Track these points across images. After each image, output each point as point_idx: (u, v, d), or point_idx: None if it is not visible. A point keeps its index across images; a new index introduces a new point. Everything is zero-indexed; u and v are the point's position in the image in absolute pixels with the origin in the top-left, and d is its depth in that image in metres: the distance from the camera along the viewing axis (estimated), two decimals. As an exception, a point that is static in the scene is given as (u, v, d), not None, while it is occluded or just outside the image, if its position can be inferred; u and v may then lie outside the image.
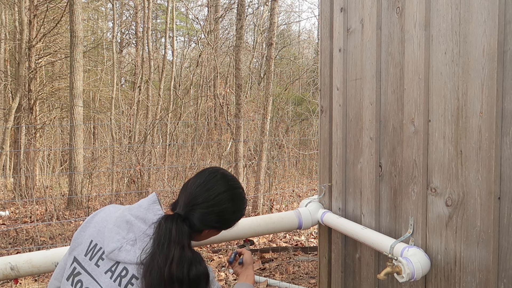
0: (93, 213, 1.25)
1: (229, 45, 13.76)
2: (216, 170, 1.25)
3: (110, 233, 1.12)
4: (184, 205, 1.18)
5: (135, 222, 1.13)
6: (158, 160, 8.98)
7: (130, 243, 1.10)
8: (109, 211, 1.22)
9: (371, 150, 1.75)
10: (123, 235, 1.11)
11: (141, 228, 1.12)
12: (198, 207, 1.16)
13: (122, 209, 1.19)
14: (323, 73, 2.16)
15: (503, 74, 1.18)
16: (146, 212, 1.14)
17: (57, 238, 5.38)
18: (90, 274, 1.11)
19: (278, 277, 3.89)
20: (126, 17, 16.49)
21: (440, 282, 1.41)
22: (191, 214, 1.16)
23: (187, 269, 1.07)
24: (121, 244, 1.09)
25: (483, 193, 1.24)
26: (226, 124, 8.29)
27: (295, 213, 2.08)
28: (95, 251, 1.13)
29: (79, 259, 1.15)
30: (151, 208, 1.16)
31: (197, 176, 1.23)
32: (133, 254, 1.08)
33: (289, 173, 9.43)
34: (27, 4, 9.01)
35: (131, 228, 1.12)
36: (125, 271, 1.09)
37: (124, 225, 1.13)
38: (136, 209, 1.16)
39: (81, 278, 1.12)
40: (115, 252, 1.09)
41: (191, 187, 1.20)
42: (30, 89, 9.19)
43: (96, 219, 1.20)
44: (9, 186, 9.10)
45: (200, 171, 1.26)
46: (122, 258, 1.08)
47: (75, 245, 1.18)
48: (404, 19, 1.53)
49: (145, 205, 1.16)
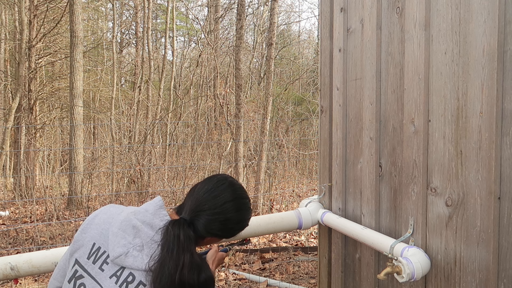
0: (92, 214, 1.23)
1: (229, 45, 13.76)
2: (224, 178, 1.24)
3: (116, 238, 1.11)
4: (190, 210, 1.17)
5: (142, 227, 1.12)
6: (158, 160, 8.99)
7: (137, 248, 1.09)
8: (110, 212, 1.20)
9: (371, 150, 1.75)
10: (129, 240, 1.10)
11: (148, 233, 1.11)
12: (204, 214, 1.16)
13: (127, 212, 1.18)
14: (323, 73, 2.16)
15: (503, 74, 1.18)
16: (153, 217, 1.14)
17: (57, 238, 5.38)
18: (93, 277, 1.10)
19: (278, 277, 3.89)
20: (126, 17, 16.49)
21: (440, 282, 1.41)
22: (196, 219, 1.16)
23: (197, 275, 1.07)
24: (128, 250, 1.09)
25: (483, 193, 1.24)
26: (226, 124, 8.29)
27: (295, 213, 2.08)
28: (99, 254, 1.12)
29: (81, 261, 1.13)
30: (157, 213, 1.15)
31: (205, 182, 1.23)
32: (141, 260, 1.08)
33: (289, 173, 9.42)
34: (27, 4, 9.01)
35: (138, 234, 1.11)
36: (132, 277, 1.08)
37: (130, 230, 1.12)
38: (143, 214, 1.15)
39: (83, 281, 1.11)
40: (121, 257, 1.08)
41: (198, 192, 1.20)
42: (30, 89, 9.19)
43: (97, 221, 1.19)
44: (9, 186, 9.10)
45: (209, 177, 1.26)
46: (129, 264, 1.08)
47: (76, 247, 1.17)
48: (404, 19, 1.53)
49: (151, 210, 1.16)
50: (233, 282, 3.73)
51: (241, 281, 3.79)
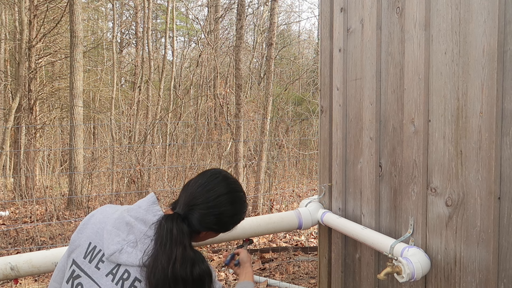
0: (89, 214, 1.23)
1: (229, 45, 13.76)
2: (218, 172, 1.24)
3: (110, 235, 1.11)
4: (184, 205, 1.17)
5: (135, 223, 1.12)
6: (158, 160, 8.99)
7: (131, 245, 1.09)
8: (106, 212, 1.20)
9: (371, 150, 1.75)
10: (123, 237, 1.10)
11: (141, 229, 1.11)
12: (198, 208, 1.16)
13: (121, 210, 1.18)
14: (323, 73, 2.16)
15: (503, 74, 1.18)
16: (146, 213, 1.14)
17: (57, 238, 5.38)
18: (90, 276, 1.11)
19: (278, 277, 3.89)
20: (126, 17, 16.49)
21: (440, 282, 1.41)
22: (190, 214, 1.16)
23: (190, 269, 1.06)
24: (122, 246, 1.09)
25: (483, 193, 1.24)
26: (226, 124, 8.29)
27: (295, 213, 2.08)
28: (95, 253, 1.12)
29: (78, 261, 1.14)
30: (150, 209, 1.15)
31: (198, 177, 1.23)
32: (135, 256, 1.08)
33: (289, 173, 9.42)
34: (27, 4, 9.01)
35: (131, 230, 1.11)
36: (127, 274, 1.08)
37: (123, 227, 1.12)
38: (136, 210, 1.15)
39: (81, 280, 1.11)
40: (115, 254, 1.08)
41: (192, 187, 1.20)
42: (30, 89, 9.19)
43: (93, 220, 1.19)
44: (9, 186, 9.10)
45: (202, 172, 1.25)
46: (124, 260, 1.08)
47: (73, 247, 1.17)
48: (404, 19, 1.53)
49: (144, 206, 1.16)
50: (233, 282, 3.73)
51: (241, 281, 3.78)
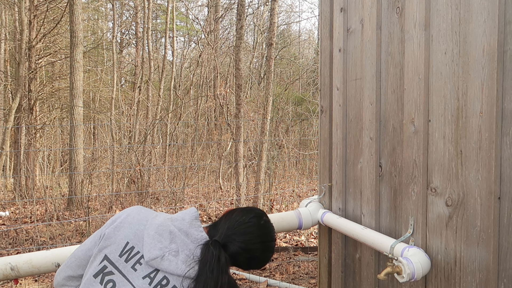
0: (123, 213, 1.27)
1: (229, 45, 13.76)
2: (261, 215, 1.32)
3: (152, 240, 1.15)
4: (224, 236, 1.24)
5: (178, 234, 1.18)
6: (158, 160, 8.99)
7: (172, 253, 1.14)
8: (142, 214, 1.25)
9: (371, 150, 1.75)
10: (165, 244, 1.15)
11: (184, 241, 1.17)
12: (233, 245, 1.23)
13: (163, 217, 1.24)
14: (323, 73, 2.16)
15: (503, 74, 1.18)
16: (189, 226, 1.21)
17: (57, 238, 5.38)
18: (125, 275, 1.13)
19: (278, 277, 3.89)
20: (126, 17, 16.49)
21: (440, 282, 1.41)
22: (226, 246, 1.23)
23: None
24: (164, 253, 1.13)
25: (483, 193, 1.23)
26: (226, 124, 8.29)
27: (295, 213, 2.08)
28: (132, 254, 1.16)
29: (112, 258, 1.16)
30: (193, 223, 1.22)
31: (243, 212, 1.30)
32: (175, 265, 1.13)
33: (289, 173, 9.43)
34: (27, 4, 9.01)
35: (174, 239, 1.17)
36: (166, 281, 1.13)
37: (166, 235, 1.17)
38: (180, 222, 1.22)
39: (113, 278, 1.14)
40: (157, 260, 1.13)
41: (234, 219, 1.27)
42: (30, 89, 9.19)
43: (129, 220, 1.22)
44: (9, 187, 9.10)
45: (248, 208, 1.34)
46: (164, 267, 1.13)
47: (108, 243, 1.19)
48: (404, 19, 1.53)
49: (187, 219, 1.23)
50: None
51: (241, 281, 3.79)
